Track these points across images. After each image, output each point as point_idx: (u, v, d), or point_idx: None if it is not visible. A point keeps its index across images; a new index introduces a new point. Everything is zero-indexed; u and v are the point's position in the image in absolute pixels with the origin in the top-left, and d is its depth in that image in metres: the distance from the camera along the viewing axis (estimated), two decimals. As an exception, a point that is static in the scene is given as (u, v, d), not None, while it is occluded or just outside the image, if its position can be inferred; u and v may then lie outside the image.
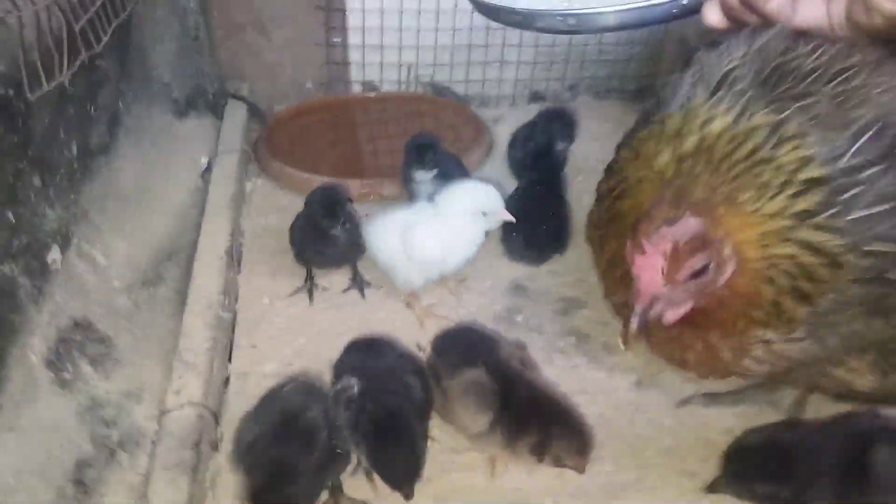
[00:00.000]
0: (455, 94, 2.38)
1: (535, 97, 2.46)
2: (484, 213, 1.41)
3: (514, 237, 1.59)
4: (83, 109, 1.46)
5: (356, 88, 2.36)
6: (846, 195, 0.89)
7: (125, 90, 1.75)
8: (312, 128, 2.19)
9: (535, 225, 1.57)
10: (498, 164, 2.01)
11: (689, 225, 0.87)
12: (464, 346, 1.22)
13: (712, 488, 1.08)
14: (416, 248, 1.39)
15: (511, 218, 1.41)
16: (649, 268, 0.87)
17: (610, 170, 1.11)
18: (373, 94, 2.33)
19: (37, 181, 1.15)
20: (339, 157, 2.07)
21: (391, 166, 2.03)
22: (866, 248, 0.90)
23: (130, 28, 1.82)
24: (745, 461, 1.05)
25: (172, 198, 1.70)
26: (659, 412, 1.24)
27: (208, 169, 1.87)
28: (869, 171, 0.89)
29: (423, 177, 1.67)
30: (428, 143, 1.70)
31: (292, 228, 1.58)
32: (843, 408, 1.10)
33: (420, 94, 2.35)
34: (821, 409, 1.15)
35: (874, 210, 0.89)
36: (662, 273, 0.87)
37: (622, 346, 0.92)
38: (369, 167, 2.06)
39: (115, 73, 1.70)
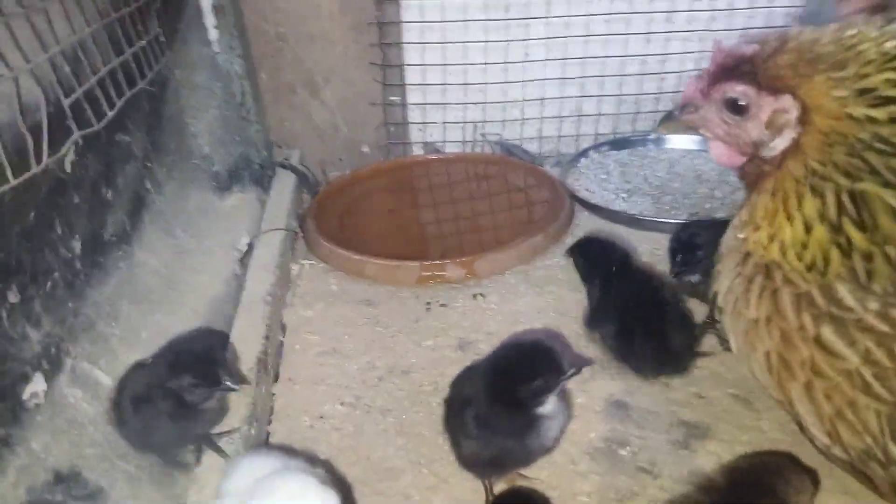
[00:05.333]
0: (527, 153, 2.11)
1: (619, 153, 2.17)
2: None
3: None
4: (94, 195, 1.26)
5: (417, 151, 2.13)
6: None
7: (155, 167, 1.55)
8: (368, 196, 1.95)
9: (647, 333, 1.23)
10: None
11: (742, 50, 0.83)
12: None
13: None
14: None
15: None
16: (702, 74, 0.88)
17: None
18: (435, 157, 2.08)
19: (11, 297, 0.93)
20: (398, 229, 1.82)
21: (456, 239, 1.77)
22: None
23: (165, 96, 1.65)
24: None
25: (205, 291, 1.47)
26: None
27: (249, 251, 1.64)
28: None
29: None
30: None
31: None
32: None
33: (487, 154, 2.08)
34: None
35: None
36: (704, 80, 0.87)
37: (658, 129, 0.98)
38: (433, 240, 1.79)
39: (143, 149, 1.51)
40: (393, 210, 1.91)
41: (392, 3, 1.91)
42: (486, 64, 1.97)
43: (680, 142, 2.04)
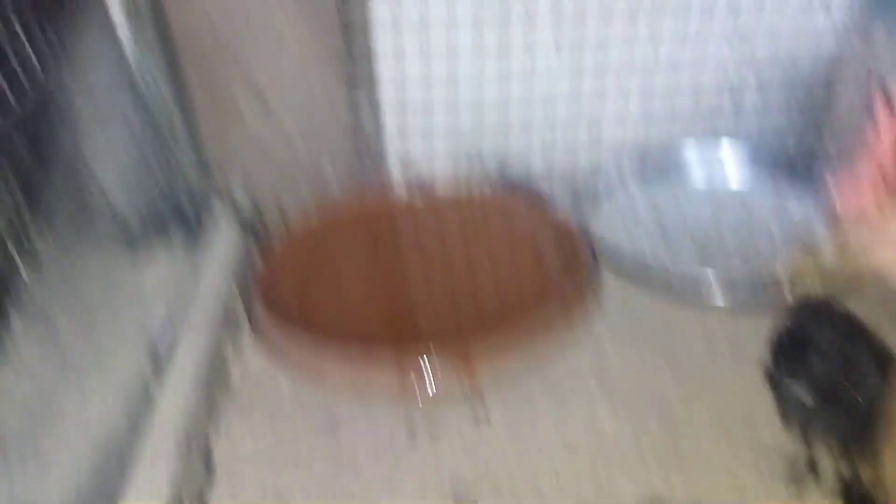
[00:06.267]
0: (537, 190, 1.69)
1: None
2: None
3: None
4: None
5: (398, 188, 1.69)
6: None
7: (31, 234, 1.10)
8: (334, 255, 1.51)
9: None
10: (615, 313, 1.30)
11: None
12: None
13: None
14: None
15: None
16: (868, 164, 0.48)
17: None
18: (416, 200, 1.64)
19: None
20: (372, 304, 1.38)
21: (451, 312, 1.34)
22: None
23: (52, 124, 1.19)
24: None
25: (93, 426, 1.03)
26: None
27: (164, 339, 1.21)
28: None
29: None
30: None
31: None
32: None
33: (485, 195, 1.65)
34: None
35: None
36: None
37: None
38: (421, 316, 1.36)
39: (11, 208, 1.05)
40: (368, 269, 1.48)
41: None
42: (482, 76, 1.54)
43: (723, 180, 1.63)
